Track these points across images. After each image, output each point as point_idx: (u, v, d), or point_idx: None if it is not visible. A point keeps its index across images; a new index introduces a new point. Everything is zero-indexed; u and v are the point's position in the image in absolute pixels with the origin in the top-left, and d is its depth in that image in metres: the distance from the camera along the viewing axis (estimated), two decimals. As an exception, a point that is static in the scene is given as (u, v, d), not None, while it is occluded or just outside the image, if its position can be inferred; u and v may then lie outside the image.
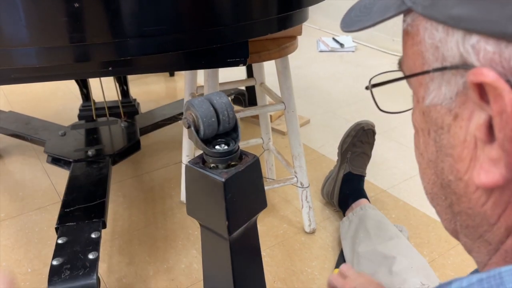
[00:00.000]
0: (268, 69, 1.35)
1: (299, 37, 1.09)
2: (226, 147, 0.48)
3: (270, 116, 1.77)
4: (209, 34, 0.61)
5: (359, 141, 1.28)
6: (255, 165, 0.50)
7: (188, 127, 0.48)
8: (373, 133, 1.29)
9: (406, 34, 0.32)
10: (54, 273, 0.89)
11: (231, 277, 0.51)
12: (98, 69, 0.65)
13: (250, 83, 1.28)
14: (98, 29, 0.61)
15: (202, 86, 1.21)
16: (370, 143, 1.30)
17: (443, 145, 0.30)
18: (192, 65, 0.70)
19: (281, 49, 0.99)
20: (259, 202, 0.52)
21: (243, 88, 1.87)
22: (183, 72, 2.44)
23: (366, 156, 1.30)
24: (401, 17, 0.33)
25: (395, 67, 0.37)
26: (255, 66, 1.26)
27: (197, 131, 0.48)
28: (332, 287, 0.79)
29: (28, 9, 0.60)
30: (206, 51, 0.65)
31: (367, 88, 0.36)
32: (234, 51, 0.66)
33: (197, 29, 0.60)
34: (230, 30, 0.62)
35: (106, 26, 0.61)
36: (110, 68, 0.63)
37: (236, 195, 0.48)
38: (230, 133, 0.49)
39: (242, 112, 1.13)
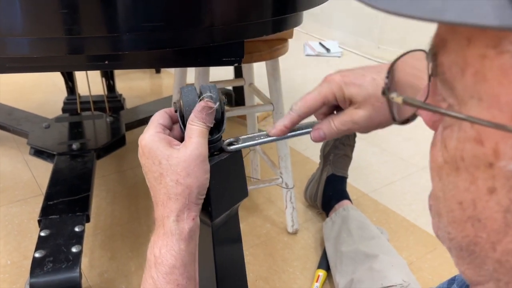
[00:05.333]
0: (256, 70, 1.37)
1: (288, 40, 1.11)
2: (209, 136, 0.49)
3: (257, 117, 1.78)
4: (205, 33, 0.62)
5: (341, 143, 1.31)
6: (237, 155, 0.52)
7: (175, 112, 0.51)
8: (354, 135, 1.33)
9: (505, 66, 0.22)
10: (36, 265, 0.88)
11: (213, 263, 0.53)
12: (93, 62, 0.65)
13: (239, 83, 1.29)
14: (94, 22, 0.61)
15: (191, 84, 1.21)
16: (351, 145, 1.34)
17: None
18: (188, 62, 0.71)
19: (272, 51, 1.01)
20: (241, 191, 0.55)
21: (230, 88, 1.88)
22: (171, 69, 2.43)
23: (347, 158, 1.33)
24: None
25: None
26: (244, 66, 1.27)
27: (182, 117, 0.49)
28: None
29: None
30: (202, 49, 0.66)
31: (384, 93, 0.30)
32: (230, 51, 0.67)
33: (194, 27, 0.61)
34: (227, 29, 0.63)
35: (102, 20, 0.61)
36: (106, 62, 0.64)
37: (219, 182, 0.50)
38: (215, 125, 0.50)
39: (230, 112, 1.14)
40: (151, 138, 0.48)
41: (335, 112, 0.53)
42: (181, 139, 0.50)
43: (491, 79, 0.22)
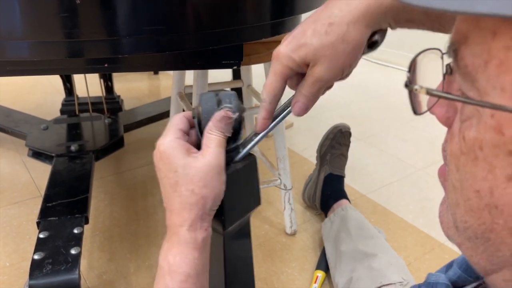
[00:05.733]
0: (254, 72, 1.37)
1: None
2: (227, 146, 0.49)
3: (255, 118, 1.79)
4: (205, 36, 0.63)
5: (337, 143, 1.33)
6: (253, 164, 0.52)
7: (193, 118, 0.50)
8: (349, 134, 1.35)
9: None
10: (36, 267, 0.88)
11: (222, 272, 0.53)
12: (93, 65, 0.65)
13: (238, 85, 1.29)
14: (94, 26, 0.62)
15: (190, 86, 1.21)
16: (347, 145, 1.36)
17: None
18: (187, 65, 0.71)
19: (270, 52, 1.01)
20: (254, 199, 0.54)
21: (229, 90, 1.88)
22: (170, 71, 2.43)
23: (343, 157, 1.35)
24: None
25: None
26: (243, 68, 1.27)
27: (199, 124, 0.49)
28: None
29: (24, 3, 0.60)
30: (201, 52, 0.66)
31: (407, 85, 0.30)
32: (229, 54, 0.67)
33: (193, 30, 0.61)
34: (225, 33, 0.64)
35: (102, 23, 0.61)
36: (106, 65, 0.64)
37: (234, 192, 0.49)
38: (232, 133, 0.50)
39: (229, 113, 1.15)
40: (170, 144, 0.47)
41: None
42: (198, 144, 0.49)
43: None
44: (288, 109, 0.51)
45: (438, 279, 0.50)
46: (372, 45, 0.50)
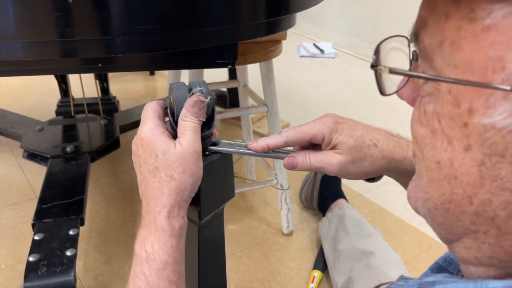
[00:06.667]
0: (250, 72, 1.37)
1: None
2: (202, 132, 0.49)
3: (251, 118, 1.78)
4: (198, 35, 0.62)
5: None
6: (228, 156, 0.53)
7: (165, 109, 0.50)
8: None
9: (484, 28, 0.24)
10: (31, 269, 0.87)
11: (196, 261, 0.54)
12: (87, 65, 0.65)
13: (234, 84, 1.29)
14: (88, 25, 0.61)
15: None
16: None
17: (500, 176, 0.26)
18: (182, 64, 0.71)
19: (266, 52, 1.01)
20: (229, 191, 0.56)
21: (225, 89, 1.88)
22: (165, 71, 2.43)
23: None
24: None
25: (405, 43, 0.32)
26: (239, 68, 1.27)
27: (172, 113, 0.49)
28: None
29: (16, 2, 0.59)
30: (195, 51, 0.65)
31: (374, 66, 0.32)
32: (223, 53, 0.67)
33: (187, 30, 0.61)
34: (220, 32, 0.63)
35: (96, 23, 0.61)
36: (99, 65, 0.63)
37: (210, 183, 0.51)
38: (205, 121, 0.50)
39: (225, 113, 1.14)
40: (151, 131, 0.48)
41: (309, 147, 0.57)
42: (171, 134, 0.50)
43: (465, 47, 0.26)
44: (284, 155, 0.54)
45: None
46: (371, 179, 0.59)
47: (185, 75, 1.23)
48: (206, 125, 0.51)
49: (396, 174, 0.56)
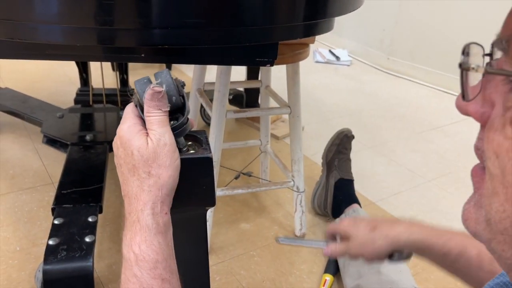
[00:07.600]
0: (273, 73, 1.38)
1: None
2: (174, 122, 0.50)
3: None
4: (242, 32, 0.63)
5: (344, 148, 1.34)
6: (207, 161, 0.52)
7: (136, 106, 0.51)
8: (353, 138, 1.38)
9: None
10: (50, 253, 0.88)
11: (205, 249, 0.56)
12: (126, 53, 0.66)
13: (256, 84, 1.30)
14: (131, 15, 0.62)
15: (209, 83, 1.22)
16: (351, 149, 1.39)
17: None
18: (222, 60, 0.71)
19: (294, 54, 1.02)
20: (206, 197, 0.55)
21: (242, 89, 1.89)
22: (182, 65, 2.45)
23: (349, 161, 1.37)
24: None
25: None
26: (262, 68, 1.28)
27: (142, 110, 0.49)
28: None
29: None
30: (237, 48, 0.66)
31: (462, 66, 0.31)
32: (264, 51, 0.68)
33: (232, 26, 0.62)
34: (263, 30, 0.64)
35: (140, 13, 0.62)
36: (142, 55, 0.64)
37: (184, 178, 0.50)
38: (177, 110, 0.50)
39: (246, 113, 1.15)
40: (128, 129, 0.48)
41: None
42: None
43: None
44: (323, 243, 0.75)
45: None
46: (391, 256, 0.73)
47: (209, 72, 1.24)
48: (180, 112, 0.50)
49: (411, 249, 0.73)
